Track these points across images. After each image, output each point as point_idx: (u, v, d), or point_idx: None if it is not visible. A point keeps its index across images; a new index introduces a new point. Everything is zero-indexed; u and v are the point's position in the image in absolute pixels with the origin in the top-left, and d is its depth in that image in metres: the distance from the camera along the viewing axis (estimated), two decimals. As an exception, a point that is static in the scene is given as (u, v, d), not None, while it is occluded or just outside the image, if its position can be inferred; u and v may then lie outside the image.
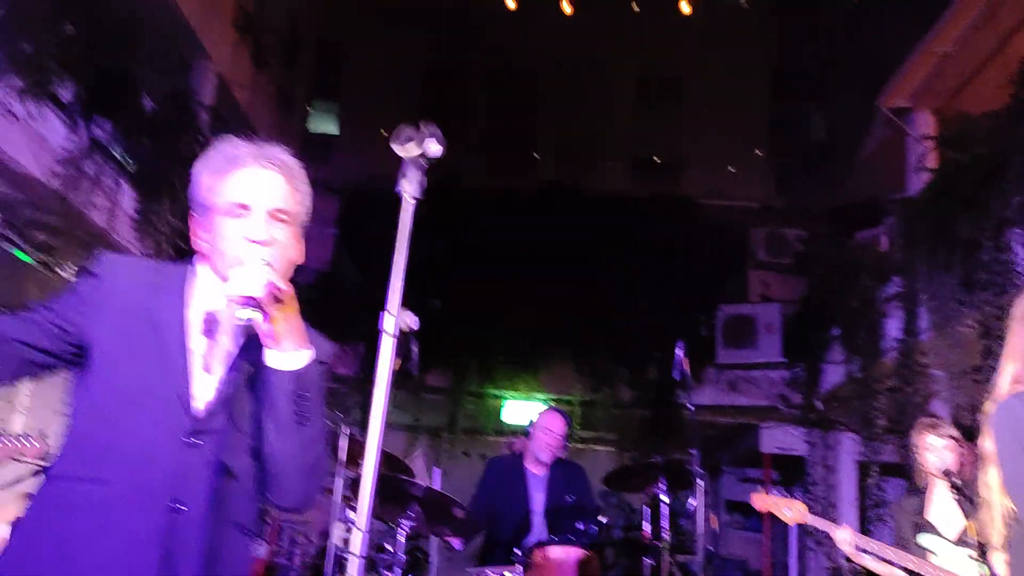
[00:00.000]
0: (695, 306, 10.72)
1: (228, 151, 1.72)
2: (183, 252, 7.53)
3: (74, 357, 1.69)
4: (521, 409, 10.69)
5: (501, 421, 11.00)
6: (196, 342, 1.68)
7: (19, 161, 5.79)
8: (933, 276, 7.19)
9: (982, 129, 6.71)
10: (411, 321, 1.28)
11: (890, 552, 3.66)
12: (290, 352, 1.59)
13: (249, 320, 1.52)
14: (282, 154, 1.74)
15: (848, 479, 9.86)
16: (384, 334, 1.26)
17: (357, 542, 1.20)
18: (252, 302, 1.51)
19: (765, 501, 3.93)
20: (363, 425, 9.87)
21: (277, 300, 1.53)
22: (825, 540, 9.59)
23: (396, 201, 1.49)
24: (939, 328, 7.01)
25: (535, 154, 14.92)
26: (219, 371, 1.67)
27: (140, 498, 1.56)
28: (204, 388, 1.64)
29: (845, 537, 3.71)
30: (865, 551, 3.71)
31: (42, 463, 3.63)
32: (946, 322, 6.84)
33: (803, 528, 10.56)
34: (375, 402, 1.24)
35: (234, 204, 1.68)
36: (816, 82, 13.10)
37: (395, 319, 1.27)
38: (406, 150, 1.37)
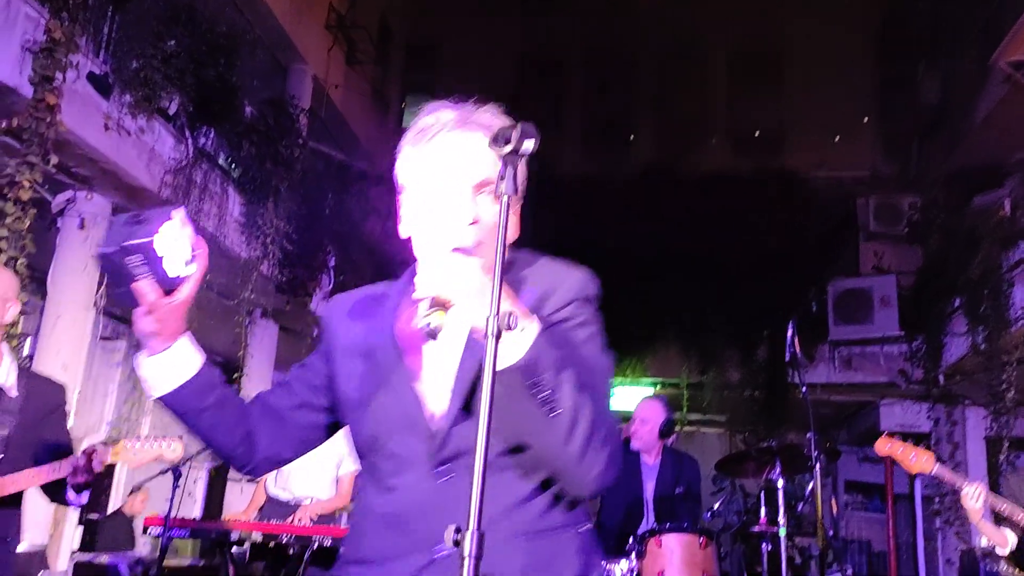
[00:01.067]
0: (805, 282, 10.38)
1: (429, 119, 1.48)
2: (288, 254, 7.79)
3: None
4: (630, 394, 10.60)
5: (610, 408, 10.94)
6: (418, 358, 1.45)
7: (132, 173, 6.08)
8: (1064, 238, 6.75)
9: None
10: (512, 323, 1.25)
11: (1009, 507, 3.47)
12: (505, 340, 1.24)
13: (429, 327, 1.25)
14: (490, 116, 1.49)
15: (976, 455, 9.40)
16: (487, 337, 1.23)
17: (468, 543, 1.17)
18: (435, 303, 1.26)
19: (891, 446, 3.74)
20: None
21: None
22: (955, 521, 9.25)
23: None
24: (1073, 294, 6.58)
25: (632, 136, 14.71)
26: (446, 387, 1.42)
27: (409, 543, 1.39)
28: (439, 410, 1.41)
29: (974, 492, 3.50)
30: (995, 511, 3.51)
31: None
32: (1081, 287, 6.40)
33: (929, 507, 10.14)
34: (482, 403, 1.22)
35: (433, 178, 1.46)
36: (925, 41, 12.42)
37: (495, 320, 1.24)
38: (501, 150, 1.34)
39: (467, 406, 1.40)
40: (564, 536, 1.42)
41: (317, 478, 4.57)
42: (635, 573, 4.19)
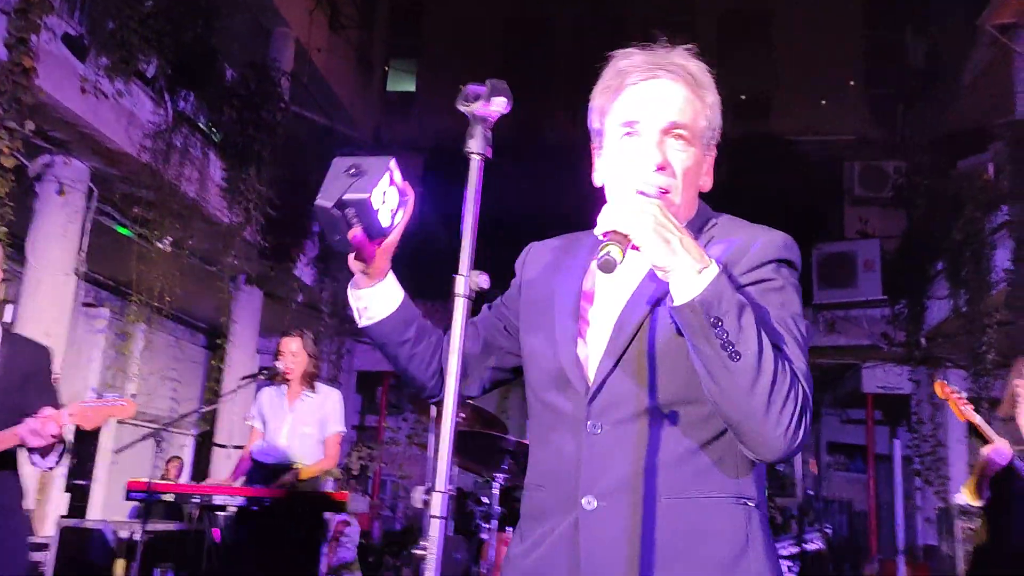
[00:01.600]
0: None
1: (619, 64, 1.46)
2: (272, 220, 7.73)
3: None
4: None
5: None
6: (587, 309, 1.44)
7: (111, 137, 6.00)
8: (1046, 202, 6.79)
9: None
10: (482, 282, 1.24)
11: None
12: (682, 276, 1.22)
13: (604, 258, 1.20)
14: (685, 59, 1.45)
15: (957, 416, 9.52)
16: (456, 297, 1.23)
17: (437, 503, 1.18)
18: (609, 236, 1.23)
19: (948, 390, 4.00)
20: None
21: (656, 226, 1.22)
22: (935, 480, 9.39)
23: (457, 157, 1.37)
24: (1053, 257, 6.63)
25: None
26: (603, 339, 1.39)
27: (557, 500, 1.39)
28: (593, 366, 1.39)
29: (1001, 448, 3.66)
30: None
31: (137, 423, 3.79)
32: (1061, 250, 6.45)
33: (909, 467, 10.28)
34: (450, 366, 1.22)
35: (622, 122, 1.43)
36: (913, 5, 12.35)
37: (465, 280, 1.24)
38: (471, 108, 1.32)
39: (620, 361, 1.36)
40: (723, 506, 1.34)
41: (301, 442, 4.58)
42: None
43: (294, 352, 4.62)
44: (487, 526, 4.45)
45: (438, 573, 1.17)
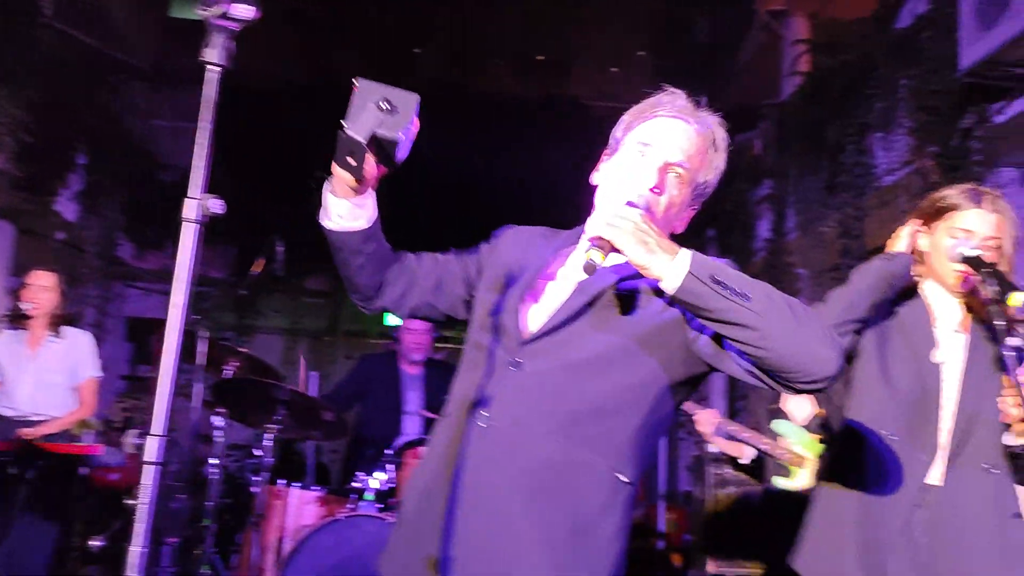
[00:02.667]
0: (582, 207, 10.74)
1: (662, 97, 1.71)
2: (28, 147, 6.93)
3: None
4: (402, 310, 10.61)
5: (384, 323, 10.91)
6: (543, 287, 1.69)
7: None
8: (801, 179, 7.41)
9: (851, 34, 6.83)
10: (215, 206, 1.14)
11: (747, 434, 3.87)
12: (665, 267, 1.42)
13: (588, 262, 1.40)
14: (715, 124, 1.72)
15: (718, 379, 10.32)
16: (186, 222, 1.12)
17: (152, 448, 1.08)
18: (595, 241, 1.42)
19: None
20: (235, 329, 9.61)
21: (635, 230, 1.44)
22: (694, 432, 10.16)
23: (268, 97, 1.33)
24: (804, 229, 7.27)
25: (416, 50, 14.37)
26: (547, 314, 1.62)
27: (458, 420, 1.59)
28: (539, 319, 1.63)
29: (706, 418, 3.90)
30: (728, 434, 3.89)
31: None
32: (810, 223, 7.09)
33: (673, 419, 11.07)
34: (173, 296, 1.10)
35: (639, 141, 1.66)
36: (701, -17, 13.01)
37: (196, 204, 1.12)
38: (210, 12, 1.20)
39: (562, 326, 1.57)
40: (601, 471, 1.52)
41: (49, 392, 4.19)
42: (393, 485, 4.23)
43: (45, 286, 4.19)
44: (257, 478, 4.29)
45: (151, 523, 1.07)
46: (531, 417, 1.50)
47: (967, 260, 2.12)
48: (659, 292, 1.53)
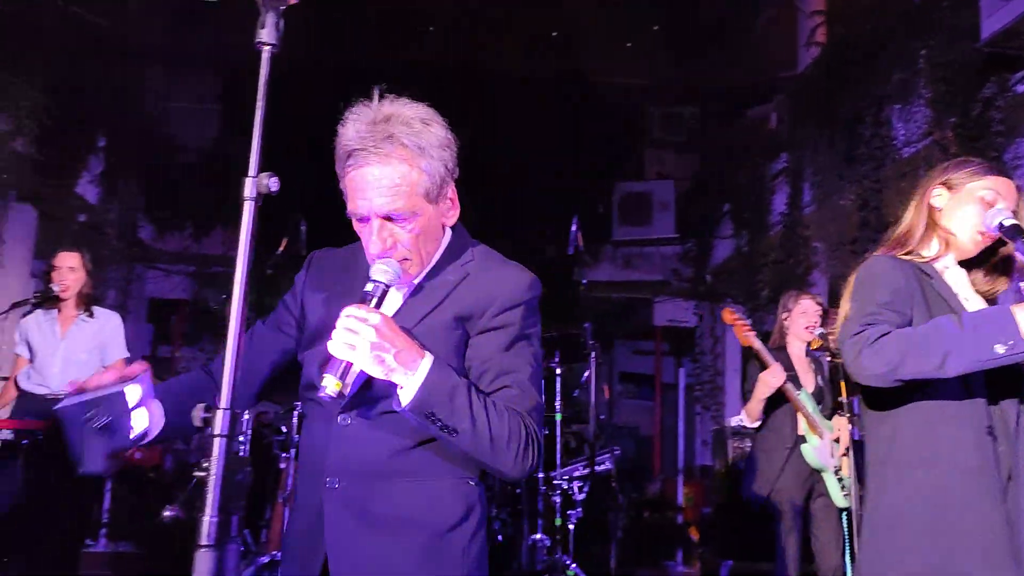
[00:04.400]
0: (592, 184, 10.75)
1: (343, 137, 1.60)
2: (44, 129, 6.96)
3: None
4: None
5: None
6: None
7: None
8: (818, 152, 7.38)
9: (869, 5, 6.76)
10: (271, 184, 1.17)
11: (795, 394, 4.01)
12: (401, 384, 1.49)
13: (324, 391, 1.43)
14: (399, 128, 1.58)
15: (734, 348, 10.33)
16: (245, 200, 1.15)
17: (219, 421, 1.11)
18: (332, 369, 1.45)
19: (732, 316, 4.24)
20: (259, 308, 9.68)
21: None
22: (712, 406, 10.21)
23: (284, 75, 1.34)
24: (821, 202, 7.25)
25: (430, 28, 14.31)
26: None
27: (311, 477, 1.66)
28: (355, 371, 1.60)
29: (775, 371, 3.99)
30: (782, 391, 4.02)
31: None
32: (827, 196, 7.06)
33: (691, 395, 11.11)
34: (237, 274, 1.14)
35: (350, 213, 1.62)
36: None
37: (253, 182, 1.15)
38: (260, -8, 1.22)
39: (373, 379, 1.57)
40: (448, 483, 1.63)
41: (78, 371, 4.25)
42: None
43: (72, 267, 4.24)
44: (285, 455, 4.35)
45: (219, 492, 1.11)
46: (371, 468, 1.60)
47: (1007, 228, 2.10)
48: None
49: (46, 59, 6.86)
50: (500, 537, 4.31)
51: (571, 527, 4.52)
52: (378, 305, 1.54)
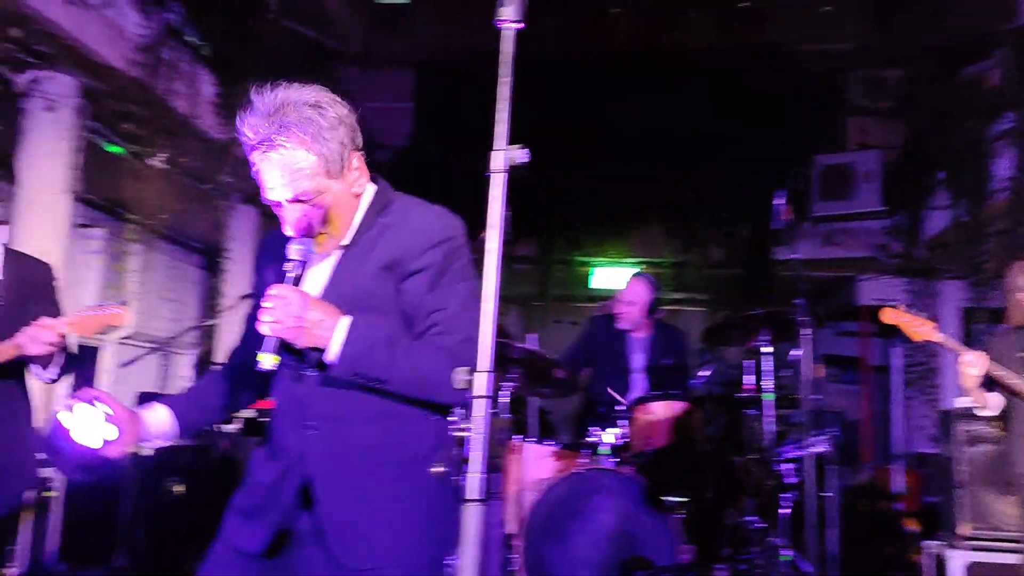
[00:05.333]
0: (788, 159, 10.29)
1: (243, 129, 1.81)
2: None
3: None
4: (611, 274, 10.66)
5: (591, 287, 11.02)
6: None
7: (97, 51, 5.81)
8: (1051, 108, 6.69)
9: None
10: (520, 156, 1.20)
11: (1015, 379, 3.56)
12: (326, 348, 1.72)
13: (260, 365, 1.71)
14: (289, 114, 1.76)
15: (951, 326, 9.60)
16: (494, 174, 1.19)
17: (481, 383, 1.16)
18: (267, 346, 1.70)
19: (895, 315, 3.87)
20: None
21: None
22: (927, 389, 9.53)
23: (472, 72, 1.41)
24: (1056, 163, 6.57)
25: (614, 10, 14.20)
26: None
27: (288, 426, 1.90)
28: None
29: (975, 359, 3.57)
30: (992, 378, 3.58)
31: (137, 343, 3.77)
32: (1064, 155, 6.39)
33: (904, 377, 10.41)
34: (488, 243, 1.18)
35: (266, 201, 1.83)
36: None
37: (502, 155, 1.19)
38: (502, -29, 1.25)
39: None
40: (410, 423, 1.82)
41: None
42: (627, 439, 4.29)
43: None
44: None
45: (487, 453, 1.16)
46: (340, 410, 1.81)
47: None
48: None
49: (264, 70, 7.41)
50: (711, 518, 4.24)
51: (784, 511, 4.36)
52: (297, 281, 1.74)
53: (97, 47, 5.80)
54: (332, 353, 1.68)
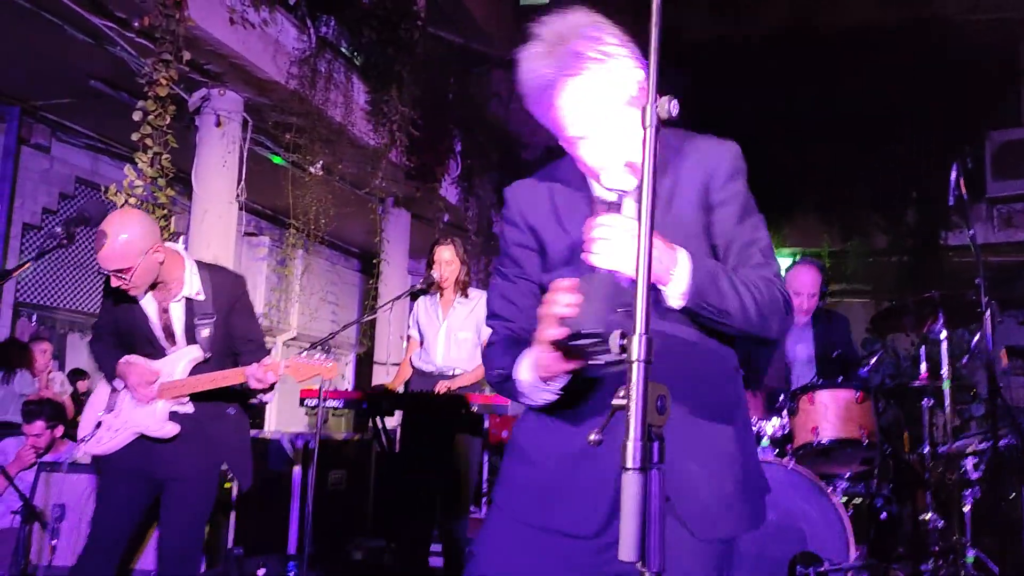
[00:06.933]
0: (959, 137, 9.59)
1: (528, 72, 1.62)
2: (412, 140, 7.79)
3: None
4: (769, 264, 10.28)
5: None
6: None
7: (259, 66, 6.14)
8: None
9: None
10: (672, 108, 1.15)
11: None
12: (666, 285, 1.54)
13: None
14: (576, 52, 1.55)
15: None
16: (646, 128, 1.15)
17: (638, 347, 1.12)
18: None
19: None
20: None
21: None
22: None
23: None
24: None
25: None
26: None
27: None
28: None
29: None
30: None
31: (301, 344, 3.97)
32: None
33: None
34: (644, 199, 1.13)
35: (566, 138, 1.68)
36: None
37: (653, 110, 1.14)
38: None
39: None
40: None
41: (459, 348, 4.65)
42: (787, 430, 4.11)
43: (447, 260, 4.66)
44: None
45: (640, 421, 1.11)
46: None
47: None
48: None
49: (412, 75, 7.63)
50: (884, 514, 3.99)
51: (966, 508, 4.04)
52: (618, 209, 1.57)
53: (259, 63, 6.14)
54: (679, 284, 1.48)
